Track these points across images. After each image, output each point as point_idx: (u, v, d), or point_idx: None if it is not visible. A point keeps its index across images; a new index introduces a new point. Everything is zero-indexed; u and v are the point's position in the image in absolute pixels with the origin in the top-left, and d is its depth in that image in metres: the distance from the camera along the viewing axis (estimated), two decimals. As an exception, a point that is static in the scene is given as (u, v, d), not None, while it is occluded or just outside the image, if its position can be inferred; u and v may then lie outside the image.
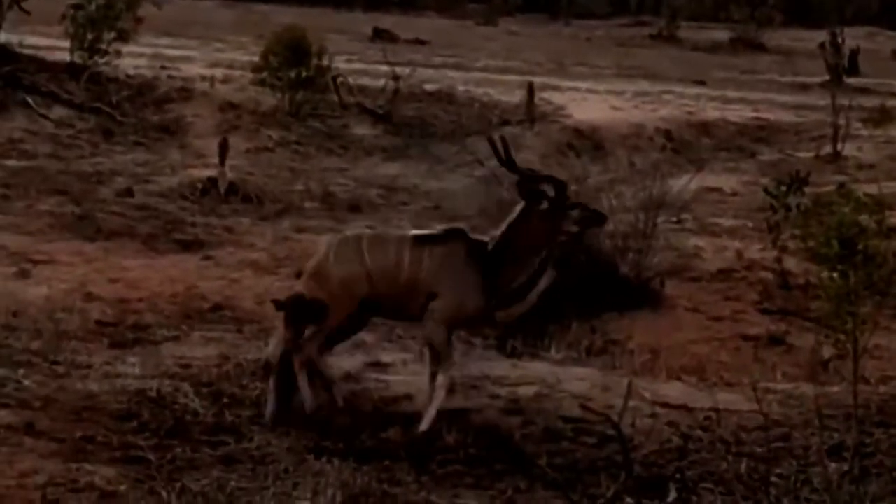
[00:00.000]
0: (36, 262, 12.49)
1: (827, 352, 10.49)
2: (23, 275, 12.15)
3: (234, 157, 16.19)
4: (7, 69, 17.98)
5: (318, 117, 18.60)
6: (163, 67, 19.78)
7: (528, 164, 16.50)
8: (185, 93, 18.80)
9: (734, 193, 16.55)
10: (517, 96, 19.76)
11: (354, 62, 22.02)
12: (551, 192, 8.85)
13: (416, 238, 8.91)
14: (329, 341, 8.96)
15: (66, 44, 18.85)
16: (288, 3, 34.28)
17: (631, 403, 8.52)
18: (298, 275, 9.16)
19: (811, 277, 11.39)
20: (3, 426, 8.26)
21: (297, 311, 8.82)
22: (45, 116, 17.48)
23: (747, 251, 13.78)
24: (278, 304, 8.88)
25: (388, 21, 31.56)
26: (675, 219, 14.47)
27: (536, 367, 10.02)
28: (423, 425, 8.60)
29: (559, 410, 9.15)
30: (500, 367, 9.89)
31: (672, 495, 7.71)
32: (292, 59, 18.32)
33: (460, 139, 18.25)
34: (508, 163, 8.97)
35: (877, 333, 8.08)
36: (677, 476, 7.92)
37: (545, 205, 8.82)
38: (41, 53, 19.03)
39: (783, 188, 13.16)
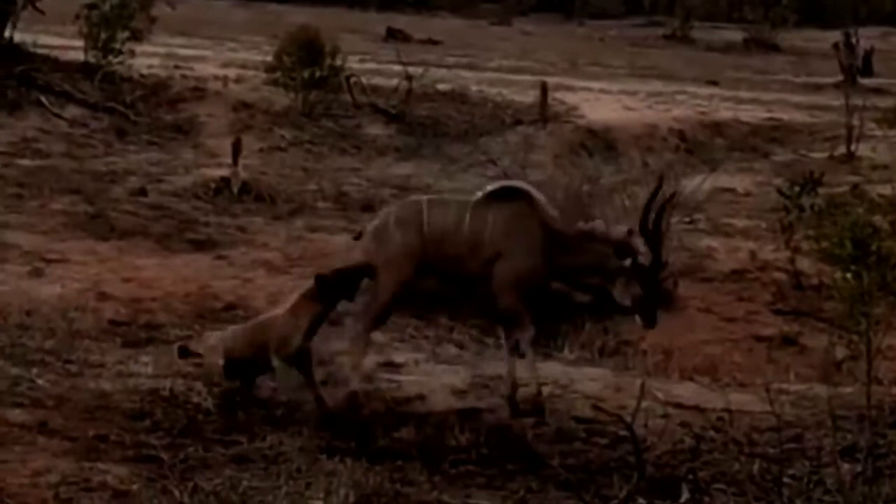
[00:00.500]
0: (49, 261, 12.52)
1: (840, 353, 10.46)
2: (36, 274, 12.17)
3: (248, 157, 16.20)
4: (21, 68, 18.02)
5: (331, 117, 18.61)
6: (176, 67, 19.80)
7: (539, 165, 16.62)
8: (199, 92, 18.82)
9: (747, 194, 16.52)
10: (530, 96, 19.74)
11: (367, 62, 22.02)
12: (640, 263, 8.90)
13: (479, 199, 9.00)
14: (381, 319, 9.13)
15: (80, 43, 18.87)
16: (301, 3, 34.26)
17: (643, 404, 8.51)
18: (357, 237, 9.30)
19: (824, 278, 11.39)
20: (17, 425, 8.28)
21: (334, 287, 8.83)
22: (58, 116, 17.51)
23: (760, 252, 13.76)
24: (321, 278, 8.84)
25: (401, 21, 31.54)
26: (688, 219, 14.46)
27: (549, 368, 10.01)
28: (534, 387, 8.99)
29: (572, 411, 9.15)
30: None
31: (684, 496, 7.70)
32: (306, 58, 18.33)
33: (473, 139, 18.24)
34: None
35: (890, 334, 8.06)
36: (690, 477, 7.91)
37: (628, 262, 8.88)
38: (55, 53, 19.06)
39: (797, 189, 13.15)
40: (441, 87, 20.11)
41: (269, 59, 18.97)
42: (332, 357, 9.71)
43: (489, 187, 9.23)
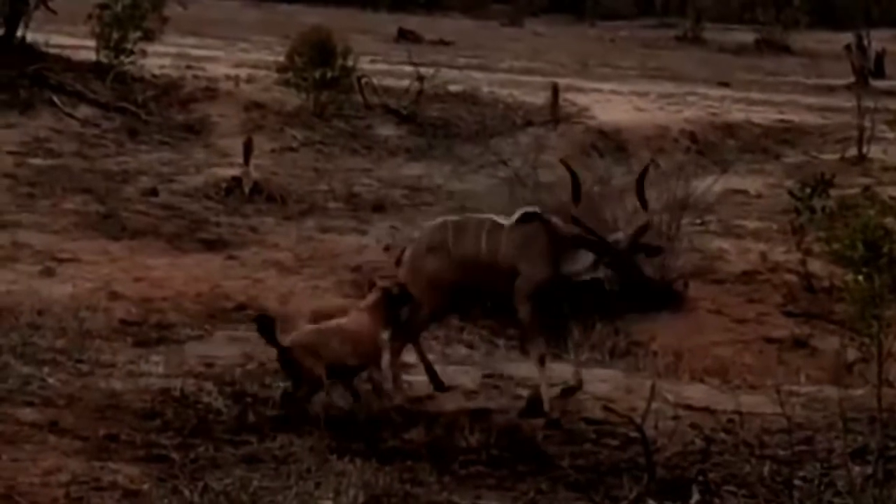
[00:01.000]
0: (61, 261, 12.55)
1: (851, 355, 10.47)
2: (48, 273, 12.21)
3: (259, 157, 16.21)
4: (33, 68, 18.04)
5: (342, 117, 18.61)
6: (188, 67, 19.82)
7: (550, 166, 16.63)
8: (210, 92, 18.83)
9: (759, 195, 16.51)
10: (541, 97, 19.74)
11: (379, 62, 22.02)
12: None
13: (496, 221, 9.26)
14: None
15: (92, 43, 18.89)
16: (313, 3, 34.26)
17: (654, 405, 8.51)
18: (398, 262, 9.52)
19: (836, 280, 11.38)
20: (28, 424, 8.29)
21: (398, 300, 9.14)
22: (70, 115, 17.53)
23: (771, 253, 13.76)
24: (387, 291, 9.10)
25: (412, 21, 31.52)
26: (699, 220, 14.46)
27: (560, 369, 10.00)
28: (546, 406, 8.99)
29: (582, 412, 9.14)
30: (524, 367, 9.89)
31: (695, 498, 7.70)
32: (317, 59, 18.33)
33: (484, 140, 18.23)
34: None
35: (901, 336, 8.05)
36: (700, 478, 7.90)
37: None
38: (67, 53, 19.09)
39: (808, 190, 13.14)
40: (452, 87, 20.11)
41: (281, 59, 18.98)
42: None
43: (513, 218, 9.33)
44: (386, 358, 9.20)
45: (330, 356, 8.70)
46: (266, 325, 8.74)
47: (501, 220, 9.34)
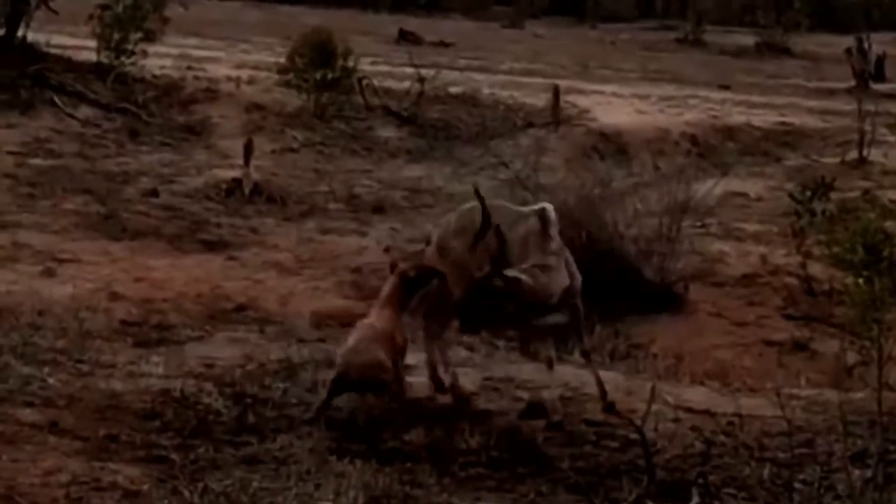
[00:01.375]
0: (61, 262, 12.55)
1: (851, 358, 10.47)
2: (48, 274, 12.21)
3: (259, 158, 16.22)
4: (34, 68, 18.06)
5: (343, 119, 18.63)
6: (189, 68, 19.84)
7: (551, 168, 16.66)
8: (211, 93, 18.85)
9: (759, 198, 16.52)
10: (542, 99, 19.75)
11: (380, 64, 22.04)
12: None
13: (523, 212, 9.18)
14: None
15: (93, 44, 18.91)
16: (314, 5, 34.30)
17: (654, 408, 8.51)
18: (426, 243, 9.48)
19: (836, 283, 11.39)
20: (28, 424, 8.29)
21: (415, 283, 9.01)
22: (71, 116, 17.54)
23: (772, 256, 13.77)
24: (404, 275, 8.98)
25: (413, 23, 31.54)
26: (699, 223, 14.47)
27: (560, 371, 10.00)
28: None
29: (582, 414, 9.14)
30: (524, 369, 9.89)
31: (694, 500, 7.69)
32: (318, 60, 18.36)
33: (484, 142, 18.25)
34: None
35: (901, 340, 8.06)
36: (700, 481, 7.90)
37: None
38: (68, 53, 19.11)
39: (808, 193, 13.17)
40: (453, 89, 20.13)
41: (282, 60, 19.01)
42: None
43: (531, 208, 9.29)
44: (428, 345, 9.22)
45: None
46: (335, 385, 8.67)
47: (526, 210, 9.30)
